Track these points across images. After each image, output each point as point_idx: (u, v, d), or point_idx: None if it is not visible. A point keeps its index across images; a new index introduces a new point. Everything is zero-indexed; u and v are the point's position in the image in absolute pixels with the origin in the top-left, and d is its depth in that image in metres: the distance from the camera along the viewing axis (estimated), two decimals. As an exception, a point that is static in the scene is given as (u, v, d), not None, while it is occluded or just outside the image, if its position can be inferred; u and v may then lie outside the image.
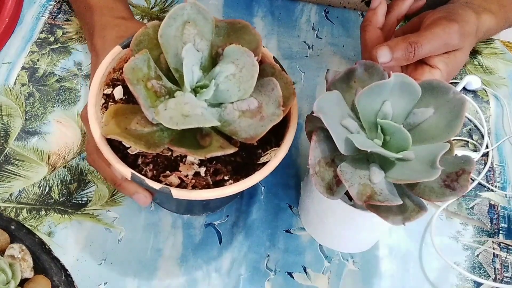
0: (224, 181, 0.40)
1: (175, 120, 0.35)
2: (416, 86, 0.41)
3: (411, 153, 0.39)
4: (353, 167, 0.39)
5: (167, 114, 0.36)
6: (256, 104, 0.39)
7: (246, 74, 0.39)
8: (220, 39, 0.42)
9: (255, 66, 0.39)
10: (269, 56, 0.45)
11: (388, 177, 0.39)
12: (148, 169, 0.40)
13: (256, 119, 0.39)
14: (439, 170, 0.37)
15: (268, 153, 0.42)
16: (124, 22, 0.55)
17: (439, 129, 0.41)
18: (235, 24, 0.42)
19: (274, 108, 0.39)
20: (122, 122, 0.38)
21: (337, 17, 0.69)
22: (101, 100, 0.43)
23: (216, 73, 0.39)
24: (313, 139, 0.40)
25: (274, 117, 0.38)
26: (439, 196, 0.38)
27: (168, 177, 0.40)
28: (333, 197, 0.39)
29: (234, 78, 0.39)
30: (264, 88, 0.40)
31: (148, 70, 0.38)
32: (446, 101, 0.41)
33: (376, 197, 0.38)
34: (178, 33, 0.40)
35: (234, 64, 0.39)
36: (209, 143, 0.38)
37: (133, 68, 0.37)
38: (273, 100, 0.39)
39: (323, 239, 0.51)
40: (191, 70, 0.38)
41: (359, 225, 0.46)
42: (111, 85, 0.44)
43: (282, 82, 0.41)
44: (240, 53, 0.39)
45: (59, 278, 0.40)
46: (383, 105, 0.41)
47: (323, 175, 0.40)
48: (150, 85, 0.38)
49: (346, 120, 0.41)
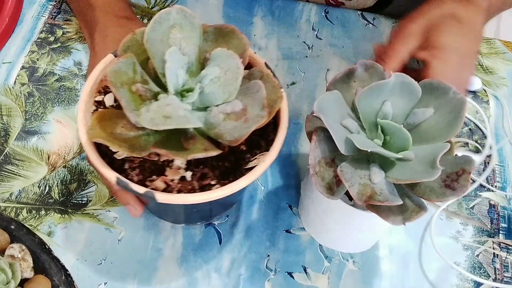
0: (210, 186, 0.40)
1: (155, 121, 0.35)
2: (416, 86, 0.41)
3: (411, 153, 0.39)
4: (353, 167, 0.39)
5: (149, 116, 0.36)
6: (241, 106, 0.39)
7: (230, 77, 0.39)
8: (208, 44, 0.42)
9: (240, 69, 0.39)
10: (260, 62, 0.45)
11: (388, 177, 0.39)
12: (135, 173, 0.40)
13: (240, 121, 0.38)
14: (439, 170, 0.37)
15: (257, 157, 0.41)
16: (127, 22, 0.55)
17: (439, 129, 0.41)
18: (222, 29, 0.42)
19: (259, 110, 0.39)
20: (108, 126, 0.38)
21: (337, 17, 0.69)
22: (92, 107, 0.43)
23: (202, 76, 0.39)
24: (313, 139, 0.40)
25: (258, 118, 0.38)
26: (439, 196, 0.38)
27: (154, 181, 0.40)
28: (333, 197, 0.39)
29: (219, 81, 0.39)
30: (250, 90, 0.40)
31: (134, 74, 0.38)
32: (446, 101, 0.41)
33: (376, 197, 0.38)
34: (164, 38, 0.39)
35: (220, 67, 0.39)
36: (192, 146, 0.38)
37: (117, 72, 0.37)
38: (257, 102, 0.39)
39: (323, 239, 0.51)
40: (175, 73, 0.38)
41: (359, 225, 0.46)
42: (103, 92, 0.44)
43: (270, 86, 0.41)
44: (226, 56, 0.39)
45: (59, 278, 0.40)
46: (383, 105, 0.41)
47: (323, 175, 0.40)
48: (134, 88, 0.38)
49: (346, 120, 0.41)
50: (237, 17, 0.67)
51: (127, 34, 0.41)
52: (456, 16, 0.50)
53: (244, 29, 0.66)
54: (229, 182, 0.39)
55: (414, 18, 0.52)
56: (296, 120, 0.59)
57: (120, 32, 0.52)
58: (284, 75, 0.63)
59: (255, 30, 0.66)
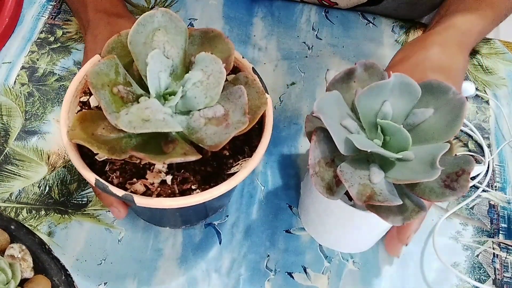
0: (191, 190, 0.40)
1: (133, 124, 0.35)
2: (416, 86, 0.41)
3: (411, 153, 0.39)
4: (353, 167, 0.39)
5: (127, 118, 0.35)
6: (223, 111, 0.39)
7: (213, 81, 0.39)
8: (194, 48, 0.42)
9: (222, 73, 0.39)
10: (248, 66, 0.45)
11: (388, 177, 0.39)
12: (115, 176, 0.40)
13: (221, 126, 0.38)
14: (439, 170, 0.37)
15: (239, 163, 0.41)
16: (117, 20, 0.54)
17: (439, 129, 0.41)
18: (208, 33, 0.42)
19: (240, 115, 0.38)
20: (89, 127, 0.38)
21: (337, 17, 0.69)
22: (77, 108, 0.43)
23: (185, 80, 0.39)
24: (313, 139, 0.40)
25: (239, 124, 0.38)
26: (439, 196, 0.38)
27: (133, 184, 0.39)
28: (333, 197, 0.39)
29: (201, 85, 0.39)
30: (232, 95, 0.39)
31: (116, 76, 0.38)
32: (446, 101, 0.41)
33: (376, 197, 0.38)
34: (148, 40, 0.39)
35: (203, 71, 0.39)
36: (172, 150, 0.38)
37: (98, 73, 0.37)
38: (239, 108, 0.39)
39: (323, 239, 0.51)
40: (158, 76, 0.38)
41: (359, 225, 0.46)
42: (88, 93, 0.44)
43: (254, 91, 0.41)
44: (209, 60, 0.39)
45: (59, 278, 0.40)
46: (383, 105, 0.41)
47: (323, 175, 0.40)
48: (116, 90, 0.38)
49: (346, 120, 0.41)
50: (237, 18, 0.67)
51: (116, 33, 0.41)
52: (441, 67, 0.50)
53: (244, 29, 0.66)
54: (209, 187, 0.39)
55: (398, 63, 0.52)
56: (296, 121, 0.59)
57: (110, 31, 0.52)
58: (284, 75, 0.63)
59: (255, 31, 0.66)
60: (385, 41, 0.67)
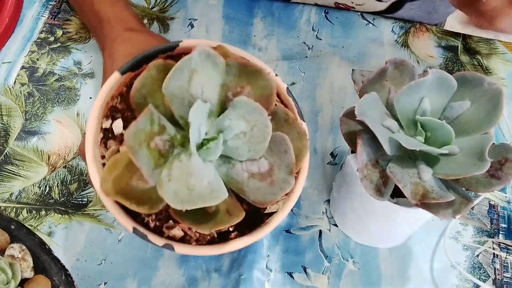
0: (229, 233, 0.38)
1: (179, 197, 0.32)
2: (452, 80, 0.41)
3: (455, 147, 0.39)
4: (401, 167, 0.39)
5: (171, 188, 0.33)
6: (267, 167, 0.36)
7: (258, 135, 0.35)
8: (230, 79, 0.38)
9: (268, 127, 0.35)
10: (283, 87, 0.42)
11: (437, 173, 0.39)
12: (151, 219, 0.37)
13: (266, 182, 0.36)
14: (489, 163, 0.37)
15: (278, 202, 0.39)
16: (133, 35, 0.53)
17: (478, 120, 0.41)
18: (247, 67, 0.38)
19: (285, 174, 0.36)
20: (123, 177, 0.34)
21: (337, 18, 0.69)
22: (100, 135, 0.39)
23: (225, 127, 0.36)
24: (358, 143, 0.40)
25: (285, 184, 0.35)
26: (486, 186, 0.38)
27: (171, 229, 0.37)
28: (382, 198, 0.39)
29: (244, 137, 0.36)
30: (276, 147, 0.36)
31: (151, 126, 0.34)
32: (481, 92, 0.41)
33: (430, 195, 0.38)
34: (185, 84, 0.36)
35: (245, 120, 0.35)
36: (215, 208, 0.35)
37: (135, 133, 0.33)
38: (285, 165, 0.36)
39: (362, 238, 0.52)
40: (198, 130, 0.35)
41: (401, 221, 0.46)
42: (110, 116, 0.40)
43: (295, 131, 0.38)
44: (252, 109, 0.35)
45: (59, 278, 0.40)
46: (421, 102, 0.41)
47: (371, 178, 0.40)
48: (153, 144, 0.34)
49: (386, 120, 0.41)
50: (237, 18, 0.67)
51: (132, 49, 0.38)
52: None
53: (244, 29, 0.66)
54: (246, 228, 0.37)
55: None
56: (296, 120, 0.59)
57: (125, 48, 0.50)
58: (284, 75, 0.63)
59: (255, 31, 0.66)
60: (385, 41, 0.67)
